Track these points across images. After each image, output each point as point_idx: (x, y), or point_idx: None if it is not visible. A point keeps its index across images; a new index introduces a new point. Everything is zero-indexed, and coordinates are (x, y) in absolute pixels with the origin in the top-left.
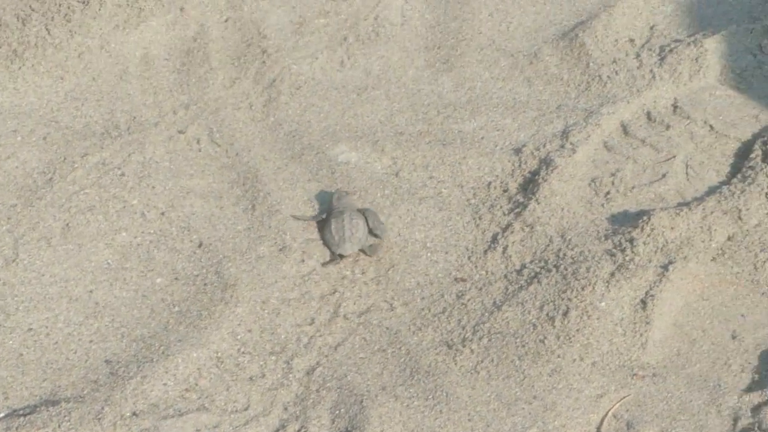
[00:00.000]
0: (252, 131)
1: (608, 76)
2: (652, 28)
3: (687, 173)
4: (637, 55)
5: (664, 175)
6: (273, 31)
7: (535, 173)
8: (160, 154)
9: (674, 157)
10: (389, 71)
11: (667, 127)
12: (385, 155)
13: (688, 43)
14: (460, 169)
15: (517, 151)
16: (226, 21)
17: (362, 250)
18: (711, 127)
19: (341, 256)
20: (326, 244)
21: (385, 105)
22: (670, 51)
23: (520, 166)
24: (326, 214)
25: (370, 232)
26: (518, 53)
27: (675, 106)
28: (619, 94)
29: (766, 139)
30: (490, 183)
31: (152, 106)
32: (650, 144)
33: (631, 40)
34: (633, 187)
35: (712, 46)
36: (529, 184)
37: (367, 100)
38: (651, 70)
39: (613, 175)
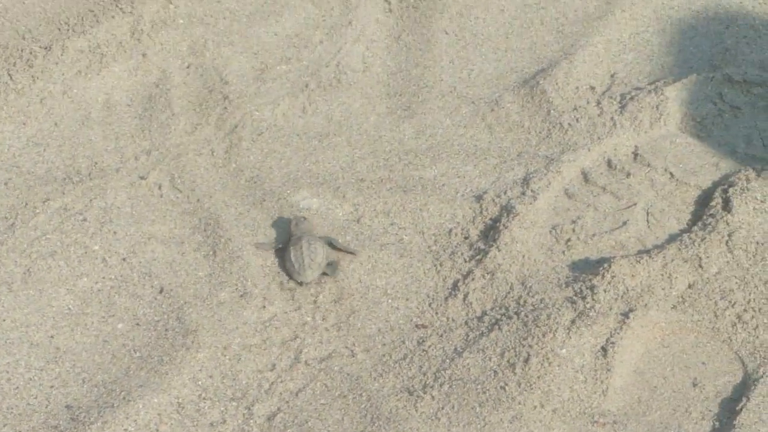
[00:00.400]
0: (213, 177)
1: (569, 124)
2: (612, 75)
3: (648, 221)
4: (598, 103)
5: (624, 223)
6: (235, 78)
7: (496, 220)
8: (121, 199)
9: (635, 204)
10: (351, 118)
11: (628, 174)
12: (347, 201)
13: (649, 91)
14: (422, 216)
15: (478, 198)
16: (188, 67)
17: (324, 273)
18: (671, 174)
19: (301, 284)
20: (287, 272)
21: (347, 151)
22: (631, 99)
23: (481, 213)
24: (285, 242)
25: (341, 249)
26: (479, 100)
27: (636, 154)
28: (579, 142)
29: (726, 187)
30: (451, 230)
31: (114, 151)
32: (611, 191)
33: (592, 88)
34: (594, 235)
35: (673, 94)
36: (490, 231)
37: (328, 146)
38: (612, 118)
39: (573, 222)
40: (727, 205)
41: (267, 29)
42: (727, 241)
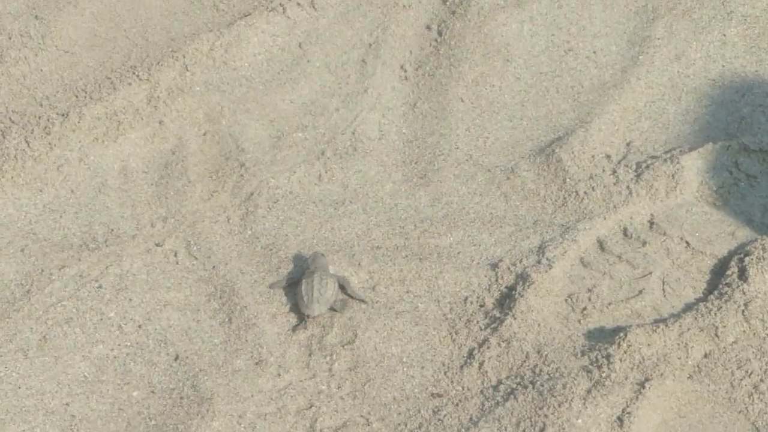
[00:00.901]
0: (229, 244)
1: (585, 192)
2: (628, 144)
3: (663, 290)
4: (614, 171)
5: (640, 292)
6: (251, 145)
7: (511, 288)
8: (137, 266)
9: (651, 273)
10: (366, 185)
11: (644, 243)
12: (362, 269)
13: (665, 160)
14: (437, 284)
15: (494, 266)
16: (204, 134)
17: (333, 308)
18: (687, 243)
19: (308, 317)
20: (295, 305)
21: (363, 219)
22: (647, 167)
23: (496, 281)
24: (300, 276)
25: (351, 295)
26: (495, 168)
27: (651, 223)
28: (595, 210)
29: (742, 256)
30: (466, 298)
31: (130, 218)
32: (627, 260)
33: (608, 156)
34: (609, 303)
35: (689, 163)
36: (506, 300)
37: (344, 214)
38: (627, 186)
39: (589, 291)
40: (743, 275)
41: (283, 97)
42: (743, 311)
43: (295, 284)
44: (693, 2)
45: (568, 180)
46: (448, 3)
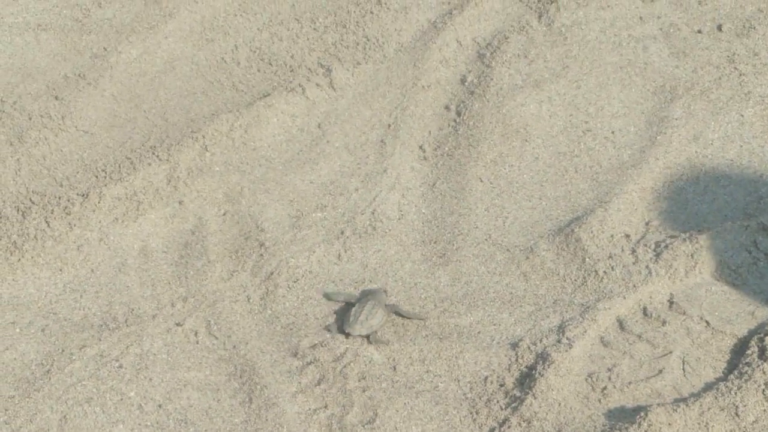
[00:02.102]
0: (249, 324)
1: (604, 272)
2: (647, 223)
3: (684, 369)
4: (633, 251)
5: (660, 371)
6: (271, 225)
7: (531, 368)
8: (157, 346)
9: (671, 352)
10: (386, 265)
11: (664, 322)
12: (382, 348)
13: (684, 239)
14: (457, 364)
15: (514, 345)
16: (224, 214)
17: (367, 336)
18: (707, 323)
19: (346, 334)
20: (339, 319)
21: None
22: (666, 247)
23: (516, 360)
24: (359, 299)
25: (407, 316)
26: (514, 248)
27: (671, 302)
28: (615, 290)
29: (762, 335)
30: (486, 377)
31: (150, 298)
32: (646, 339)
33: (627, 236)
34: (630, 383)
35: (707, 243)
36: (526, 379)
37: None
38: (647, 266)
39: (609, 370)
40: (763, 354)
41: (303, 177)
42: (764, 390)
43: (349, 306)
44: (711, 83)
45: (587, 259)
46: (466, 83)
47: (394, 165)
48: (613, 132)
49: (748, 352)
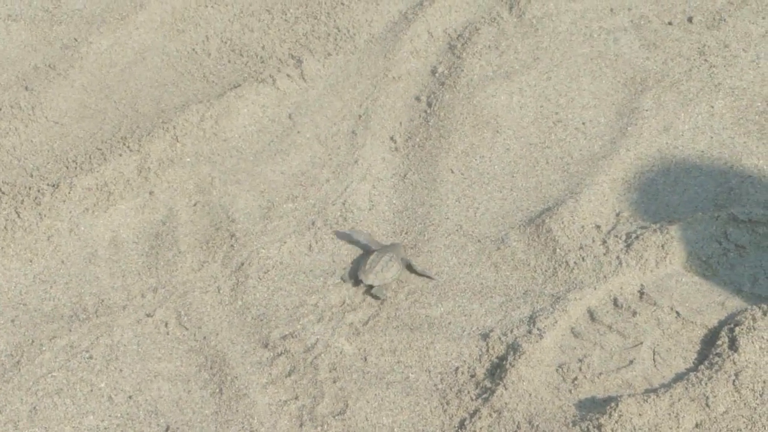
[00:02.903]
0: (220, 315)
1: (575, 262)
2: (618, 214)
3: (654, 360)
4: (604, 242)
5: (631, 362)
6: (241, 216)
7: (502, 359)
8: (128, 337)
9: (641, 343)
10: (357, 255)
11: (634, 313)
12: (353, 339)
13: (654, 230)
14: (428, 354)
15: (485, 336)
16: (194, 205)
17: (374, 293)
18: (678, 313)
19: (359, 281)
20: (353, 267)
21: (353, 289)
22: (636, 238)
23: (487, 351)
24: (377, 249)
25: (420, 273)
26: (485, 239)
27: (641, 293)
28: (585, 280)
29: (732, 326)
30: (457, 368)
31: (120, 289)
32: (617, 330)
33: (598, 227)
34: (600, 374)
35: (678, 234)
36: (497, 370)
37: (334, 284)
38: (617, 257)
39: (580, 361)
40: (733, 344)
41: (274, 168)
42: (734, 381)
43: (366, 253)
44: (681, 74)
45: (558, 250)
46: (437, 74)
47: (365, 156)
48: (583, 123)
49: (719, 342)
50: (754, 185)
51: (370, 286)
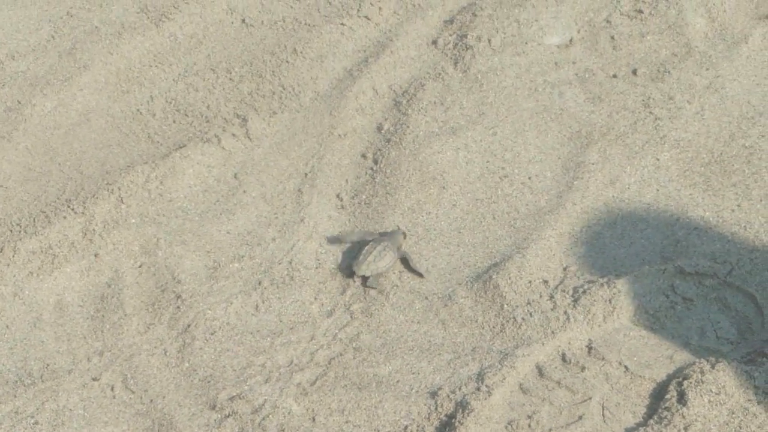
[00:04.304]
0: (167, 377)
1: (523, 318)
2: (565, 269)
3: (603, 414)
4: (551, 297)
5: (580, 417)
6: (187, 276)
7: (451, 416)
8: (74, 401)
9: (590, 398)
10: (304, 315)
11: (582, 368)
12: (300, 399)
13: (601, 284)
14: (376, 413)
15: (433, 394)
16: (140, 267)
17: (369, 283)
18: (626, 368)
19: (355, 274)
20: (346, 259)
21: (301, 348)
22: (584, 292)
23: (436, 409)
24: (373, 239)
25: (412, 269)
26: (433, 296)
27: (590, 348)
28: (533, 336)
29: (680, 379)
30: (406, 427)
31: (66, 353)
32: (566, 386)
33: (545, 282)
34: (550, 430)
35: (625, 287)
36: (446, 428)
37: (281, 344)
38: (565, 312)
39: (529, 417)
40: (682, 398)
41: (219, 227)
42: None
43: (361, 244)
44: (626, 127)
45: (505, 306)
46: (383, 131)
47: (311, 214)
48: (529, 178)
49: (667, 396)
50: (701, 237)
51: (365, 278)
